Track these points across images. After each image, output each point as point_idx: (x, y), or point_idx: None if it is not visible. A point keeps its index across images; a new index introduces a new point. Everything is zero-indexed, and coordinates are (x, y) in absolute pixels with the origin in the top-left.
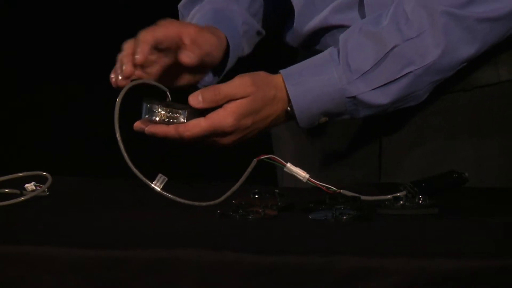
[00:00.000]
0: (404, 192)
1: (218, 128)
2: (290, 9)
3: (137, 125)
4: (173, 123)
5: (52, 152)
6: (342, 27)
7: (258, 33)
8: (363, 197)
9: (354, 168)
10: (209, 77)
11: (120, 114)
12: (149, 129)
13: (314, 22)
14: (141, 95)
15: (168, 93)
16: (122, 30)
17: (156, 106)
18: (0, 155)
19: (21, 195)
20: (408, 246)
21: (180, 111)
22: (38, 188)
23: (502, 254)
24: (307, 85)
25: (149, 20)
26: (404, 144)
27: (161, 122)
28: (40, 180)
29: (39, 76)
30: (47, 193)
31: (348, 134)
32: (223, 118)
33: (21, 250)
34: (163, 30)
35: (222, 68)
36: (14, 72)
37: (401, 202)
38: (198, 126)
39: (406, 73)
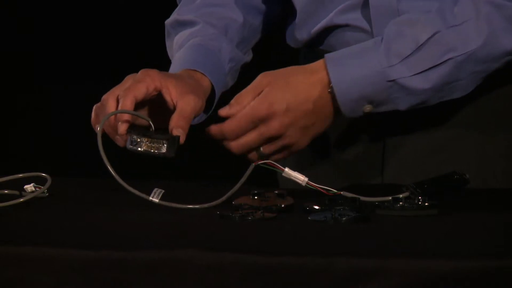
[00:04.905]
0: (407, 193)
1: (254, 114)
2: (291, 10)
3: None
4: (157, 154)
5: (51, 153)
6: (347, 27)
7: (245, 63)
8: (363, 198)
9: (357, 167)
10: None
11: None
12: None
13: (319, 22)
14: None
15: (151, 122)
16: (122, 29)
17: (139, 137)
18: (0, 156)
19: (21, 196)
20: (408, 247)
21: (163, 141)
22: (37, 189)
23: (502, 254)
24: (347, 67)
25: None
26: (407, 144)
27: (146, 151)
28: (39, 181)
29: (39, 76)
30: (47, 194)
31: (352, 134)
32: (253, 104)
33: (21, 251)
34: (144, 92)
35: (209, 107)
36: (14, 72)
37: (401, 203)
38: (233, 118)
39: (447, 59)
